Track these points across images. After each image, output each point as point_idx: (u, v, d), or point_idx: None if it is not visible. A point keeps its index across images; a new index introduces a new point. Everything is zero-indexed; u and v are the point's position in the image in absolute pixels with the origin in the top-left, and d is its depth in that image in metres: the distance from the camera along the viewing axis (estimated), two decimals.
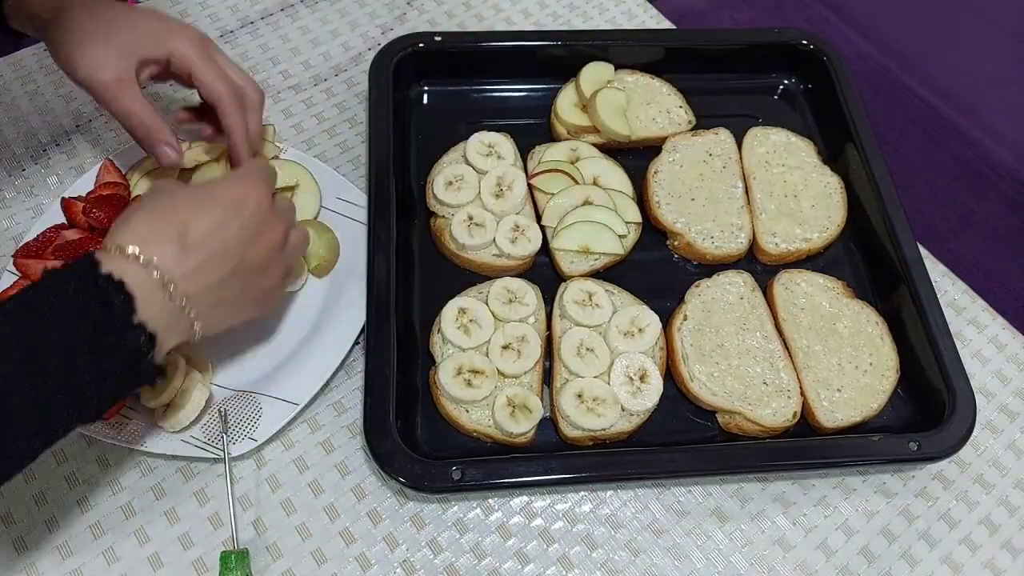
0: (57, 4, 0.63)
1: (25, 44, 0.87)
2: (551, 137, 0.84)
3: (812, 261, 0.79)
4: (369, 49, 0.90)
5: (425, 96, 0.86)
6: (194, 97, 0.68)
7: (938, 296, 0.72)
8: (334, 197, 0.76)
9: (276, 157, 0.77)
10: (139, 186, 0.73)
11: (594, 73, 0.84)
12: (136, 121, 0.62)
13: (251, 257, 0.55)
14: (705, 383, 0.69)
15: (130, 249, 0.49)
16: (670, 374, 0.71)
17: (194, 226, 0.52)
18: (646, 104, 0.85)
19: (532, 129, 0.84)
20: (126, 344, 0.48)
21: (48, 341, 0.45)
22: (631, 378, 0.68)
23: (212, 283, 0.53)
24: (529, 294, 0.71)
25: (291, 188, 0.75)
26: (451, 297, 0.71)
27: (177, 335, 0.52)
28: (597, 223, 0.75)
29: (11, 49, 0.86)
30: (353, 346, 0.69)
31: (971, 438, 0.66)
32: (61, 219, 0.70)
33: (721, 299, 0.74)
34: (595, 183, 0.78)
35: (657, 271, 0.78)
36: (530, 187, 0.78)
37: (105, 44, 0.61)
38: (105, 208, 0.69)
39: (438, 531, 0.64)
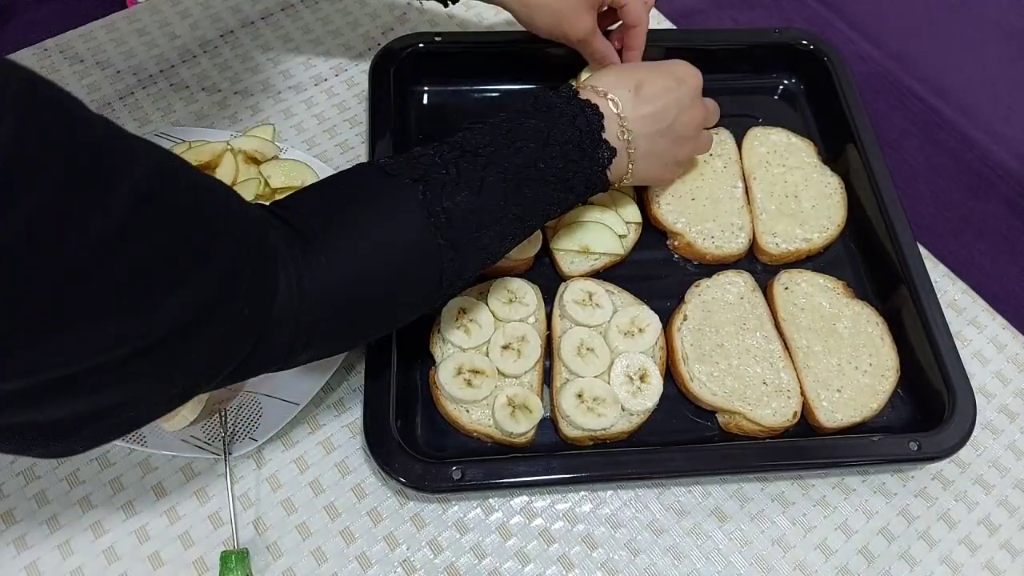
0: None
1: (25, 44, 0.87)
2: None
3: (812, 261, 0.79)
4: (369, 49, 0.90)
5: (425, 96, 0.86)
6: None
7: (938, 296, 0.72)
8: None
9: (276, 157, 0.77)
10: None
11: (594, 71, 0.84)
12: (602, 57, 0.75)
13: (681, 122, 0.67)
14: (705, 383, 0.69)
15: (599, 88, 0.63)
16: (670, 374, 0.71)
17: (647, 84, 0.65)
18: None
19: None
20: (597, 154, 0.61)
21: (553, 136, 0.59)
22: (631, 378, 0.68)
23: (651, 132, 0.65)
24: (529, 294, 0.72)
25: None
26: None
27: (619, 166, 0.64)
28: (597, 223, 0.75)
29: (11, 49, 0.86)
30: None
31: (971, 438, 0.66)
32: None
33: (721, 299, 0.74)
34: None
35: (657, 271, 0.78)
36: None
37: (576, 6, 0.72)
38: None
39: (438, 531, 0.64)
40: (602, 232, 0.75)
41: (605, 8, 0.74)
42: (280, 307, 0.46)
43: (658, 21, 0.96)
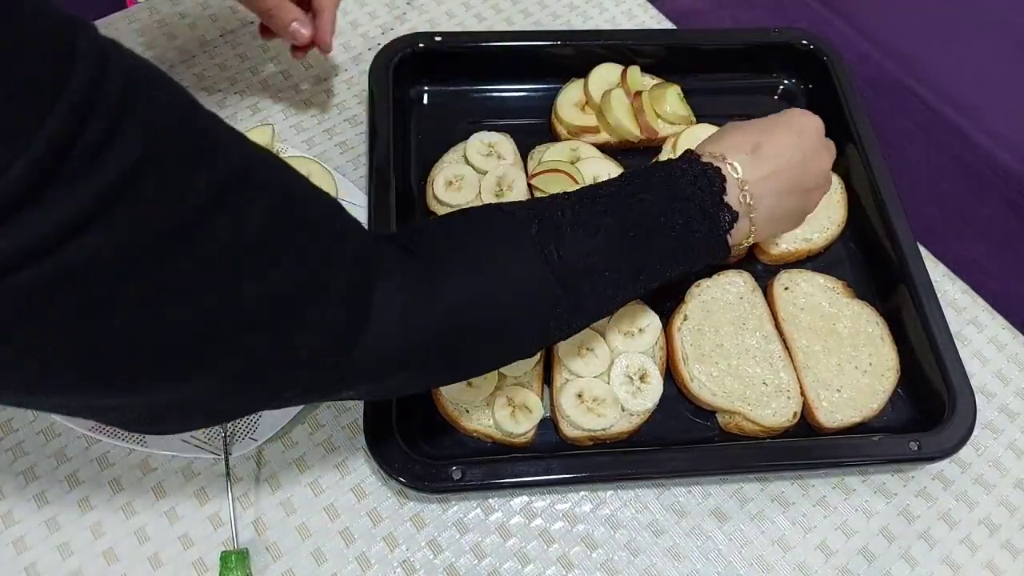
0: None
1: None
2: (551, 137, 0.84)
3: (812, 261, 0.79)
4: (369, 49, 0.90)
5: (425, 96, 0.86)
6: None
7: (938, 296, 0.72)
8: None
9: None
10: None
11: (603, 74, 0.84)
12: (273, 10, 0.72)
13: (807, 176, 0.63)
14: (705, 383, 0.69)
15: (716, 152, 0.60)
16: (670, 374, 0.71)
17: (766, 144, 0.61)
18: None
19: (532, 129, 0.84)
20: (719, 217, 0.58)
21: (675, 191, 0.56)
22: (631, 378, 0.68)
23: (775, 191, 0.61)
24: None
25: None
26: None
27: (740, 231, 0.60)
28: None
29: None
30: None
31: (971, 438, 0.66)
32: None
33: (721, 299, 0.74)
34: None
35: None
36: (530, 187, 0.78)
37: None
38: None
39: (438, 531, 0.64)
40: None
41: None
42: (377, 327, 0.44)
43: (658, 21, 0.96)
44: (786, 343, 0.72)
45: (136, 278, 0.33)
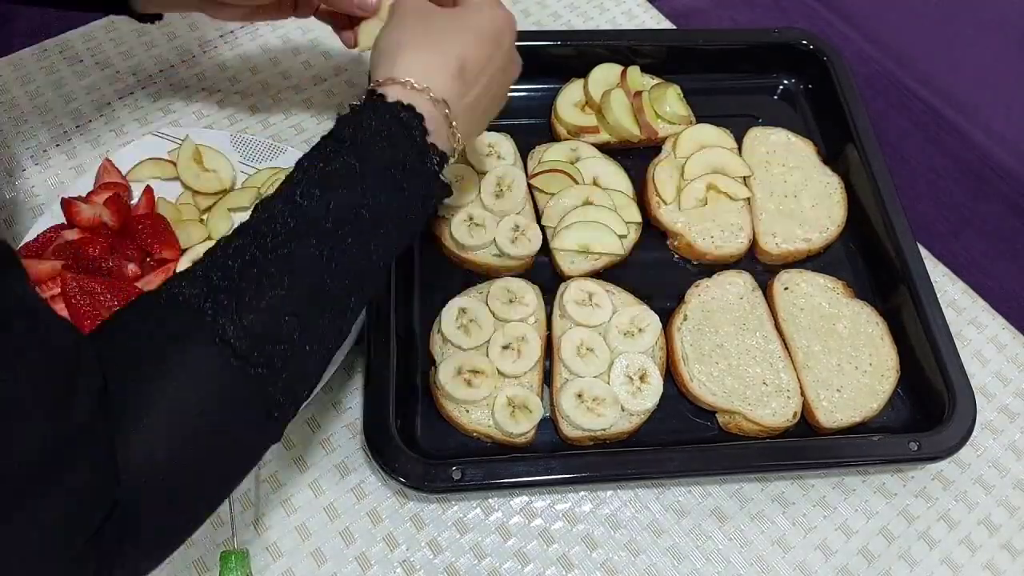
0: None
1: (25, 44, 0.87)
2: (551, 137, 0.84)
3: (812, 261, 0.79)
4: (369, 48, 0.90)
5: None
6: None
7: (938, 296, 0.72)
8: None
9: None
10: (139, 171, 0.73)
11: (603, 74, 0.84)
12: None
13: (505, 82, 0.61)
14: (705, 383, 0.69)
15: (415, 81, 0.52)
16: (670, 374, 0.71)
17: (471, 62, 0.55)
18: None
19: (532, 129, 0.84)
20: (426, 165, 0.52)
21: (369, 168, 0.49)
22: (631, 378, 0.68)
23: (479, 109, 0.57)
24: (529, 294, 0.71)
25: None
26: (451, 297, 0.71)
27: (450, 155, 0.55)
28: (597, 223, 0.75)
29: (12, 49, 0.86)
30: (353, 346, 0.69)
31: (971, 438, 0.66)
32: (61, 219, 0.70)
33: (721, 299, 0.74)
34: (595, 183, 0.78)
35: (657, 271, 0.78)
36: (530, 187, 0.78)
37: None
38: (105, 208, 0.69)
39: (438, 531, 0.64)
40: (602, 232, 0.75)
41: None
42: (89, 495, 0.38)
43: (658, 21, 0.96)
44: (786, 343, 0.72)
45: None
